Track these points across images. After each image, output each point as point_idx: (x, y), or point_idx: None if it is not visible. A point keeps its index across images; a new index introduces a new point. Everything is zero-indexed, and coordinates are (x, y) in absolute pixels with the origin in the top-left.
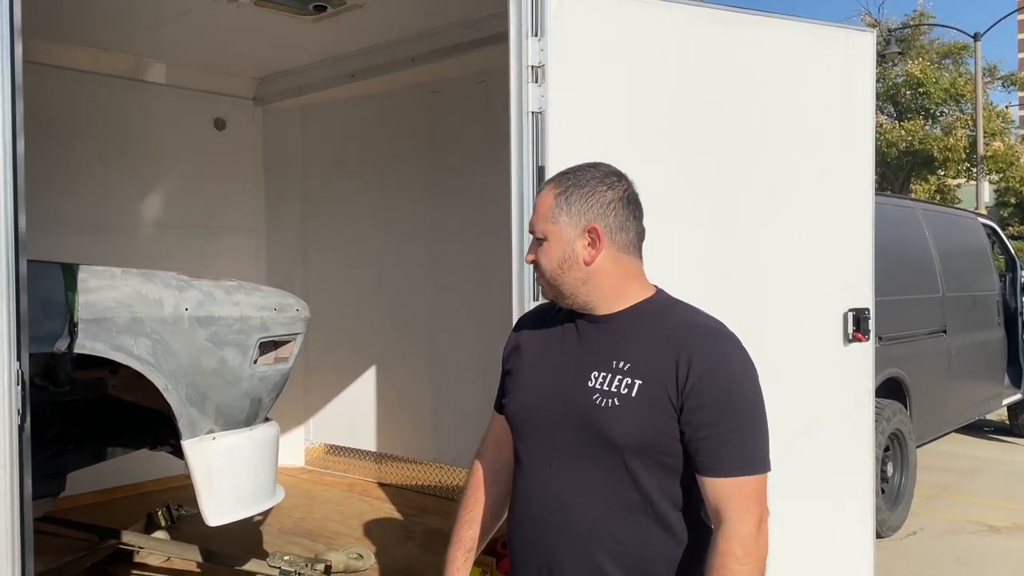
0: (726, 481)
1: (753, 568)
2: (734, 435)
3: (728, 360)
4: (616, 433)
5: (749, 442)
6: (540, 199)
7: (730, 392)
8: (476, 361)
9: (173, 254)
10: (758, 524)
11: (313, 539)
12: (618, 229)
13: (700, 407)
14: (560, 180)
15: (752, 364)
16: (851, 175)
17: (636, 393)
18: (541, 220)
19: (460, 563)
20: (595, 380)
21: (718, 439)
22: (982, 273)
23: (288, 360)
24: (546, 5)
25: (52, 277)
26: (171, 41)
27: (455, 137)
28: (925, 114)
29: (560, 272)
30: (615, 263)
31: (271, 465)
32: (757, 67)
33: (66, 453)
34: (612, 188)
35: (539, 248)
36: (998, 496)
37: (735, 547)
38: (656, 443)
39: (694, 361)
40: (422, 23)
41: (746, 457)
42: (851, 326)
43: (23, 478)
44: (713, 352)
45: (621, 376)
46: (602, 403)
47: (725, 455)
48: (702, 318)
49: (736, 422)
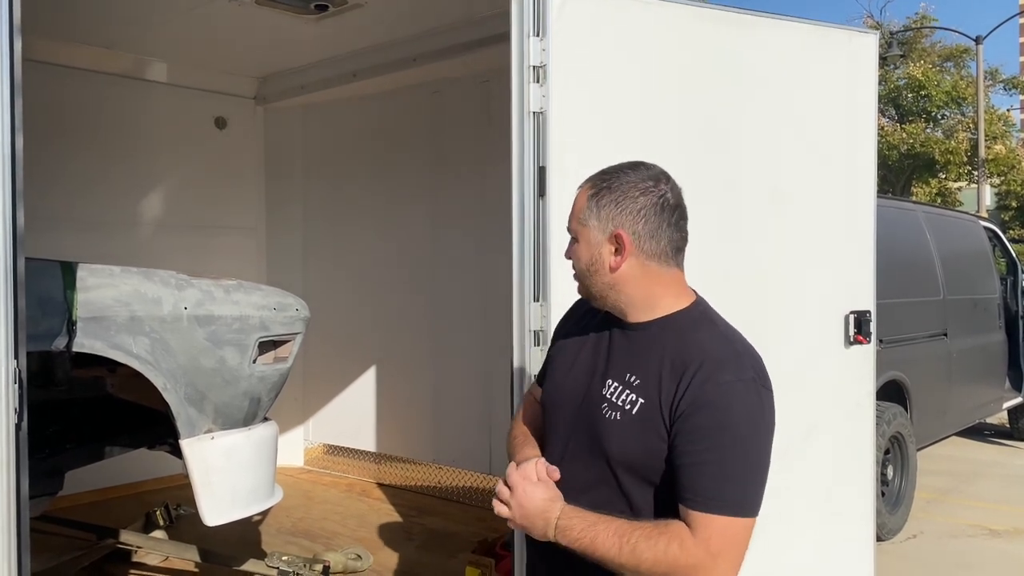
0: (695, 515)
1: (676, 572)
2: (714, 468)
3: (729, 392)
4: (610, 447)
5: (731, 479)
6: (576, 199)
7: (722, 425)
8: (476, 362)
9: (173, 253)
10: (715, 564)
11: (312, 539)
12: (647, 237)
13: (687, 432)
14: (595, 180)
15: (764, 405)
16: (853, 177)
17: (636, 412)
18: (573, 219)
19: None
20: (608, 388)
21: (696, 469)
22: (983, 276)
23: (287, 360)
24: (548, 5)
25: (51, 275)
26: (172, 40)
27: (457, 137)
28: (927, 117)
29: (588, 275)
30: (643, 271)
31: (270, 465)
32: (760, 68)
33: (64, 452)
34: (646, 193)
35: (572, 248)
36: (998, 500)
37: (684, 551)
38: (645, 463)
39: (693, 385)
40: (424, 23)
41: (723, 495)
42: (852, 328)
43: (20, 477)
44: (716, 380)
45: (628, 391)
46: (607, 415)
47: (701, 487)
48: (723, 343)
49: (720, 455)
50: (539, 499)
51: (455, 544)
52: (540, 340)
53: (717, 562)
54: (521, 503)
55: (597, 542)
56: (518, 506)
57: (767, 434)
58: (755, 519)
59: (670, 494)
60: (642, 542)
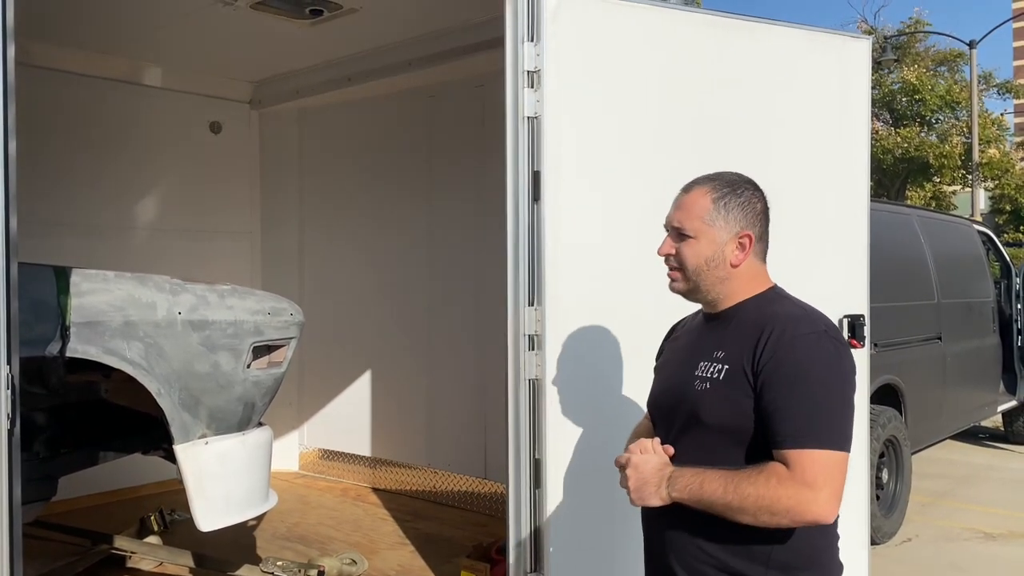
0: (788, 452)
1: (779, 508)
2: (799, 409)
3: (804, 341)
4: (704, 413)
5: (816, 416)
6: (690, 199)
7: (801, 370)
8: (471, 366)
9: (167, 257)
10: (815, 495)
11: (307, 544)
12: (759, 237)
13: (769, 383)
14: (714, 185)
15: (840, 352)
16: (846, 181)
17: (723, 376)
18: (693, 219)
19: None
20: (700, 369)
21: (782, 413)
22: (977, 280)
23: (282, 365)
24: (542, 10)
25: (44, 280)
26: (167, 44)
27: (452, 141)
28: (921, 121)
29: (705, 269)
30: (751, 266)
31: (264, 470)
32: (752, 73)
33: (58, 457)
34: (761, 200)
35: (683, 243)
36: (993, 503)
37: (782, 485)
38: (736, 423)
39: (771, 341)
40: (418, 27)
41: (812, 430)
42: (846, 333)
43: (13, 482)
44: (791, 333)
45: (717, 364)
46: (699, 387)
47: (789, 428)
48: (795, 307)
49: (802, 397)
50: (653, 464)
51: (450, 548)
52: (535, 344)
53: (816, 493)
54: (637, 467)
55: (705, 485)
56: (634, 469)
57: (846, 377)
58: (847, 454)
59: (763, 454)
60: (744, 481)
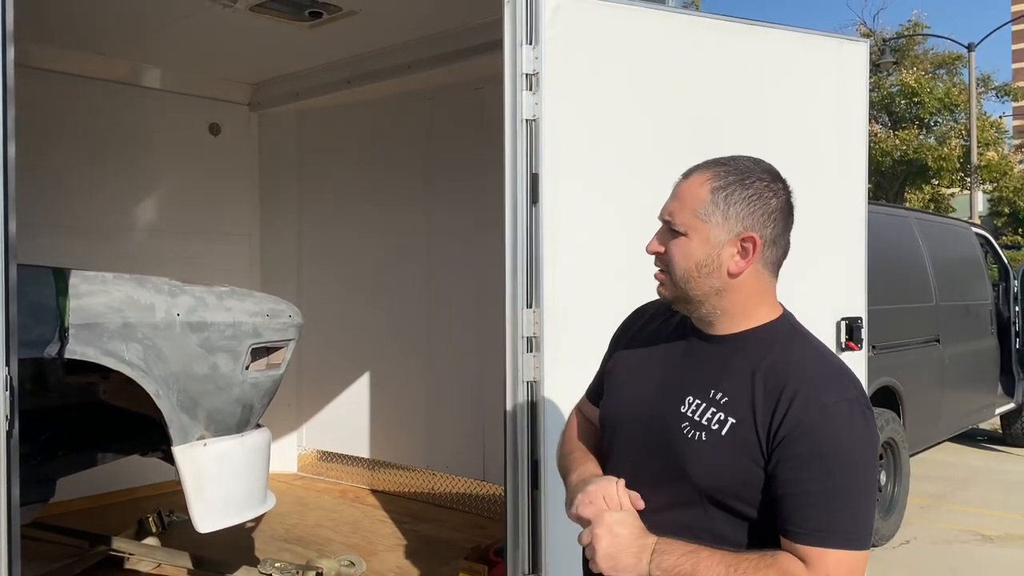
0: (806, 549)
1: None
2: (823, 498)
3: (835, 415)
4: (695, 470)
5: (842, 510)
6: (687, 187)
7: (829, 452)
8: (470, 368)
9: (166, 259)
10: None
11: (305, 546)
12: (771, 243)
13: (790, 459)
14: (719, 171)
15: (870, 428)
16: (844, 184)
17: (726, 432)
18: (686, 212)
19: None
20: (689, 406)
21: (802, 499)
22: (975, 282)
23: (280, 366)
24: (540, 13)
25: (43, 281)
26: (167, 46)
27: (451, 144)
28: (919, 124)
29: (695, 275)
30: (756, 279)
31: (262, 472)
32: (750, 76)
33: (56, 458)
34: (777, 195)
35: (673, 241)
36: (991, 505)
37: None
38: (736, 490)
39: (794, 407)
40: (418, 30)
41: (835, 526)
42: (844, 335)
43: (11, 483)
44: (821, 400)
45: (716, 409)
46: (690, 434)
47: (809, 518)
48: (820, 360)
49: (828, 484)
50: (631, 528)
51: (448, 550)
52: (533, 346)
53: None
54: (612, 528)
55: (699, 569)
56: (607, 531)
57: (874, 459)
58: (868, 552)
59: (760, 522)
60: (751, 573)
